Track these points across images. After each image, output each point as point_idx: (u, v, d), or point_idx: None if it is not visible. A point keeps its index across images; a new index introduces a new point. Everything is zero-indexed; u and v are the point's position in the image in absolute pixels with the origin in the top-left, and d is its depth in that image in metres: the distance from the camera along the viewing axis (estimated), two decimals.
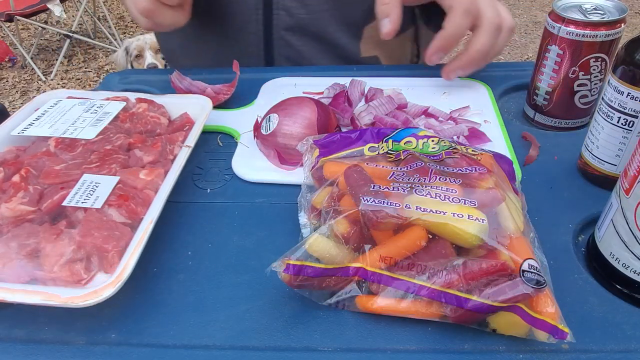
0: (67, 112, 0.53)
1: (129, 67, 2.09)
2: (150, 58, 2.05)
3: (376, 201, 0.36)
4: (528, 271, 0.33)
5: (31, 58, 2.87)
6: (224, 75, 0.68)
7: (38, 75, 2.80)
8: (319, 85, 0.63)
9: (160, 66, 2.02)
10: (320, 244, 0.36)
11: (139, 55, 2.08)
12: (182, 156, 0.48)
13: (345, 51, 0.73)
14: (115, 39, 3.10)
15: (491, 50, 0.55)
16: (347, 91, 0.60)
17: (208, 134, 0.57)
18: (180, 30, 0.76)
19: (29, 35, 3.27)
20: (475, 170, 0.39)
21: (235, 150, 0.54)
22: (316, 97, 0.61)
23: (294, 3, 0.68)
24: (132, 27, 3.39)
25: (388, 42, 0.57)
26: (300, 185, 0.45)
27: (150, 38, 2.05)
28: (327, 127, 0.52)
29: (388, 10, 0.54)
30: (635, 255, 0.35)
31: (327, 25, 0.70)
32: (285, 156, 0.51)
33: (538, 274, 0.33)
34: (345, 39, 0.59)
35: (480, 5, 0.53)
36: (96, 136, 0.50)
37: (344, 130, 0.55)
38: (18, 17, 2.64)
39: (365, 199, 0.36)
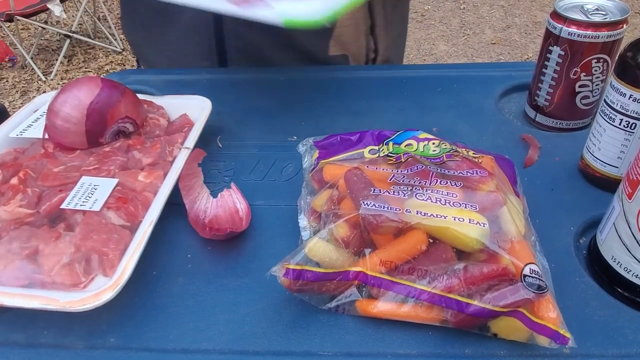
0: None
1: None
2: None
3: (376, 205, 0.36)
4: (529, 276, 0.33)
5: (31, 58, 2.86)
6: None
7: (38, 75, 2.80)
8: None
9: None
10: (320, 248, 0.35)
11: None
12: (182, 158, 0.48)
13: (304, 48, 0.71)
14: (115, 39, 3.09)
15: None
16: None
17: (208, 135, 0.57)
18: (143, 25, 0.74)
19: (29, 35, 3.27)
20: (477, 174, 0.39)
21: (235, 152, 0.54)
22: None
23: None
24: None
25: (343, 36, 0.53)
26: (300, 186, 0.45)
27: None
28: (107, 116, 0.48)
29: None
30: (637, 260, 0.35)
31: None
32: (52, 134, 0.48)
33: (539, 279, 0.32)
34: (303, 34, 0.57)
35: None
36: None
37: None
38: (18, 17, 2.63)
39: (365, 202, 0.36)
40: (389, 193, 0.37)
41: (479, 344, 0.35)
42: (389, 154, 0.43)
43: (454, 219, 0.34)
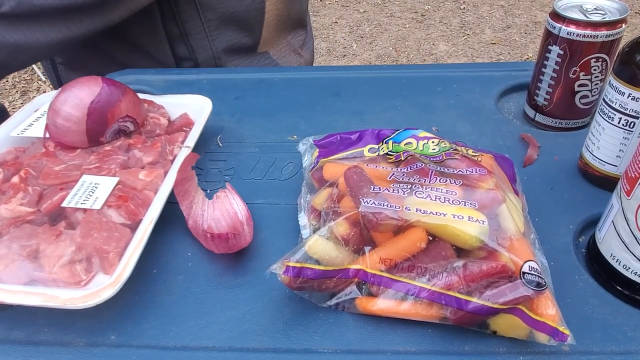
0: None
1: None
2: None
3: (376, 203, 0.36)
4: (528, 273, 0.33)
5: None
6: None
7: (38, 75, 2.80)
8: None
9: None
10: (320, 246, 0.35)
11: None
12: (182, 157, 0.48)
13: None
14: None
15: None
16: None
17: (208, 135, 0.57)
18: None
19: None
20: (476, 172, 0.39)
21: (235, 151, 0.54)
22: None
23: None
24: None
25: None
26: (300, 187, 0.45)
27: None
28: (107, 115, 0.48)
29: None
30: (635, 257, 0.35)
31: None
32: (53, 133, 0.48)
33: (538, 276, 0.33)
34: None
35: None
36: None
37: None
38: None
39: (365, 200, 0.36)
40: (389, 191, 0.37)
41: (478, 341, 0.35)
42: (389, 153, 0.43)
43: (454, 217, 0.34)
